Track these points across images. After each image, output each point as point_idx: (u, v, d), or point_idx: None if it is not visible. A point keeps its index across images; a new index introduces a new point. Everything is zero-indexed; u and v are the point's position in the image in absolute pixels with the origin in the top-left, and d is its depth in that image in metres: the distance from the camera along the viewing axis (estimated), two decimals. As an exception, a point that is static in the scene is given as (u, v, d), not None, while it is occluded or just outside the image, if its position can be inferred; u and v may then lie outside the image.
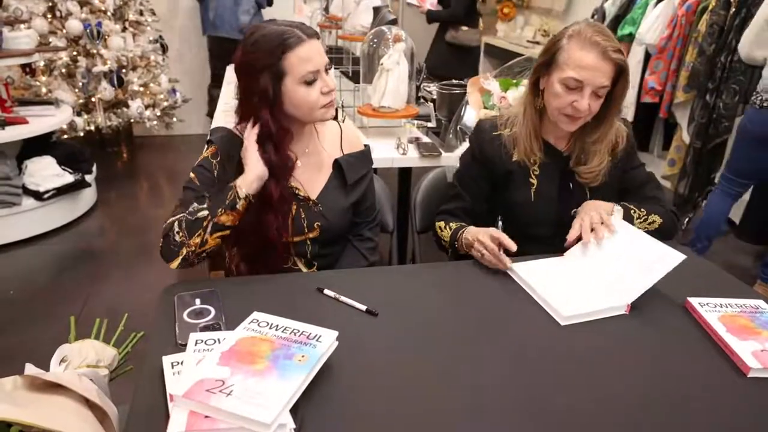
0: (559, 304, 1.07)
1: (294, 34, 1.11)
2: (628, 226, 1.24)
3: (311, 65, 1.12)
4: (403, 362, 0.94)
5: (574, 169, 1.33)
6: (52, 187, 2.93)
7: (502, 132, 1.34)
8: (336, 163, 1.31)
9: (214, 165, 1.21)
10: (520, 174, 1.34)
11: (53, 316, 2.29)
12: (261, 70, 1.11)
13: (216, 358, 0.85)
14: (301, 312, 1.03)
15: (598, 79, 1.19)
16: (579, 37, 1.20)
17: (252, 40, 1.13)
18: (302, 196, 1.26)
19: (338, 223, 1.31)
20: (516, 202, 1.34)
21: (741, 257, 3.07)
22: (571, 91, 1.21)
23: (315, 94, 1.15)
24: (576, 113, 1.22)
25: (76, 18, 3.53)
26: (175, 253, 1.12)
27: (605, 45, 1.18)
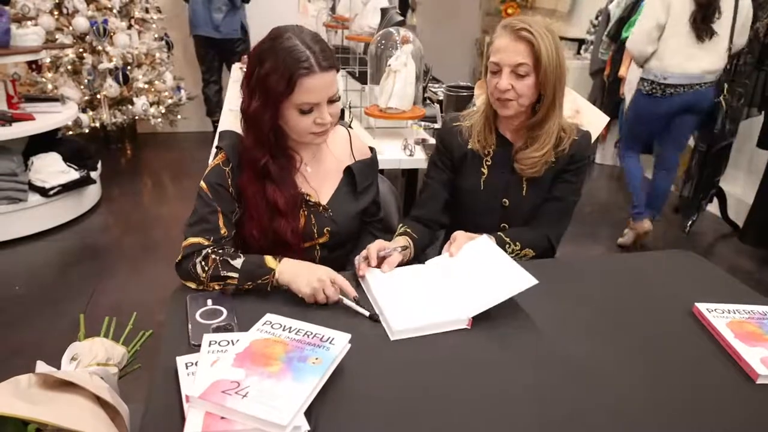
0: (393, 316, 1.03)
1: (309, 64, 1.10)
2: (492, 245, 1.22)
3: (313, 97, 1.12)
4: (415, 364, 0.95)
5: (515, 157, 1.35)
6: (58, 183, 2.94)
7: (461, 123, 1.41)
8: (348, 170, 1.31)
9: (226, 174, 1.20)
10: (474, 162, 1.39)
11: (59, 312, 2.30)
12: (268, 81, 1.11)
13: (231, 360, 0.85)
14: (311, 314, 1.04)
15: (512, 57, 1.24)
16: (499, 28, 1.29)
17: (269, 49, 1.12)
18: (313, 202, 1.27)
19: (347, 228, 1.32)
20: (466, 189, 1.40)
21: (744, 261, 3.08)
22: (494, 75, 1.28)
23: (307, 122, 1.14)
24: (500, 95, 1.27)
25: (82, 15, 3.54)
26: (191, 279, 1.13)
27: (514, 25, 1.25)
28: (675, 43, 2.67)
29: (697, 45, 2.67)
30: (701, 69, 2.70)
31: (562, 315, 1.12)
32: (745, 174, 3.46)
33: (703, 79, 2.73)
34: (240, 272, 1.10)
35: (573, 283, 1.25)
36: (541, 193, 1.39)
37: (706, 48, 2.68)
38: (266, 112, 1.14)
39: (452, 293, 1.11)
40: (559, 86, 1.28)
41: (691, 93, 2.74)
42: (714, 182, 3.25)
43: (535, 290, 1.18)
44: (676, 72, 2.70)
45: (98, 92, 3.69)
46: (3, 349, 2.05)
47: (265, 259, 1.12)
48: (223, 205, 1.19)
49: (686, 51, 2.68)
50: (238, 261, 1.11)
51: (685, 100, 2.76)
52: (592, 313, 1.14)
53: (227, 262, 1.11)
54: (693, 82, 2.72)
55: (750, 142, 3.31)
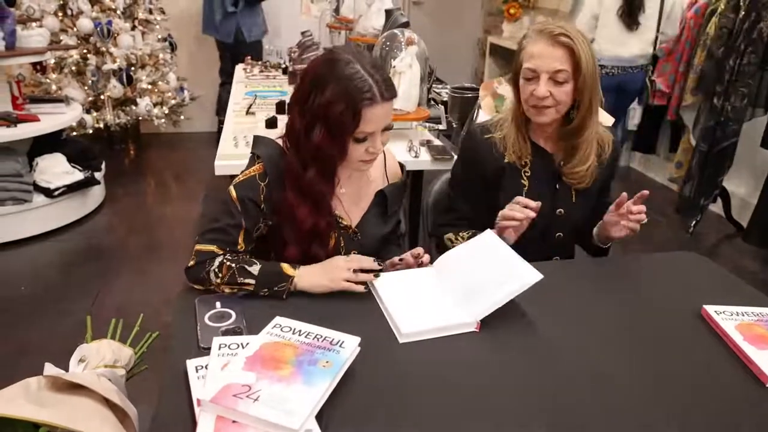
0: (402, 319, 1.03)
1: (372, 94, 1.05)
2: (497, 239, 1.21)
3: (370, 127, 1.08)
4: (424, 367, 0.95)
5: (561, 169, 1.35)
6: (63, 184, 2.95)
7: (493, 135, 1.36)
8: (380, 193, 1.27)
9: (261, 188, 1.14)
10: (512, 175, 1.36)
11: (64, 312, 2.30)
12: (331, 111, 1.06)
13: (241, 363, 0.86)
14: (320, 317, 1.04)
15: (550, 64, 1.22)
16: (532, 33, 1.27)
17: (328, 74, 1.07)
18: (343, 225, 1.23)
19: (372, 250, 1.28)
20: (507, 203, 1.36)
21: (748, 261, 3.07)
22: (530, 82, 1.26)
23: (360, 151, 1.11)
24: (537, 102, 1.25)
25: (87, 16, 3.54)
26: (201, 283, 1.12)
27: (552, 31, 1.23)
28: (607, 32, 3.21)
29: (627, 33, 3.18)
30: (631, 54, 3.24)
31: (569, 317, 1.12)
32: (749, 174, 3.45)
33: (633, 62, 3.27)
34: (257, 279, 1.10)
35: (579, 284, 1.25)
36: (591, 200, 1.38)
37: (635, 36, 3.19)
38: (333, 146, 1.09)
39: (459, 295, 1.11)
40: (595, 92, 1.26)
41: (623, 75, 3.29)
42: (717, 182, 3.24)
43: (542, 292, 1.17)
44: (609, 56, 3.21)
45: (102, 93, 3.70)
46: (8, 350, 2.05)
47: (282, 267, 1.11)
48: (248, 222, 1.15)
49: (617, 38, 3.20)
50: (255, 268, 1.10)
51: (619, 81, 3.29)
52: (600, 315, 1.14)
53: (243, 269, 1.10)
54: (624, 65, 3.26)
55: (754, 142, 3.30)
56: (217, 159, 1.83)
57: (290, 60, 3.03)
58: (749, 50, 2.95)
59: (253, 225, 1.16)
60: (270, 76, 3.18)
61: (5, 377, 0.96)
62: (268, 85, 2.92)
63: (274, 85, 2.92)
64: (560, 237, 1.40)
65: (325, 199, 1.17)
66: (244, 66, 3.43)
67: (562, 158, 1.34)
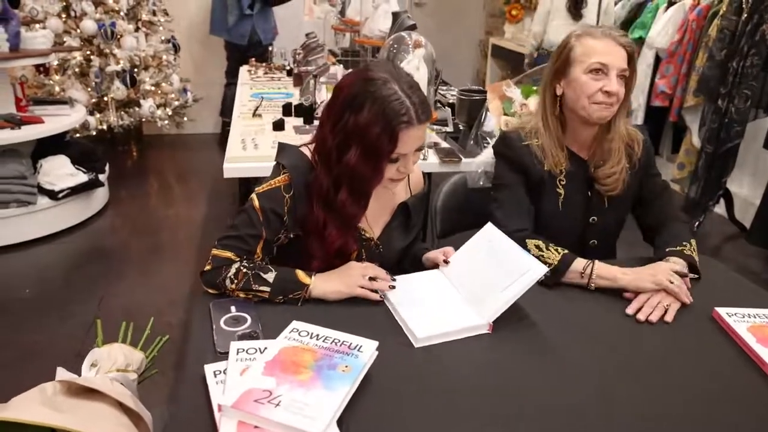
0: (415, 324, 1.03)
1: (410, 117, 1.03)
2: (498, 231, 1.21)
3: (405, 149, 1.06)
4: (440, 370, 0.96)
5: (594, 175, 1.34)
6: (67, 186, 2.94)
7: (530, 142, 1.35)
8: (403, 205, 1.26)
9: (285, 201, 1.12)
10: (549, 184, 1.35)
11: (70, 314, 2.30)
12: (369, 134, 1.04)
13: (261, 368, 0.86)
14: (335, 320, 1.04)
15: (619, 62, 1.25)
16: (588, 34, 1.28)
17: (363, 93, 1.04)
18: (366, 237, 1.22)
19: (393, 261, 1.28)
20: (545, 212, 1.35)
21: (751, 261, 3.08)
22: (599, 77, 1.26)
23: (391, 171, 1.10)
24: (608, 98, 1.25)
25: (90, 18, 3.54)
26: (216, 288, 1.12)
27: (614, 33, 1.27)
28: (557, 23, 3.91)
29: (573, 24, 3.82)
30: None
31: (578, 319, 1.13)
32: (751, 175, 3.47)
33: None
34: (272, 286, 1.10)
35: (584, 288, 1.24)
36: (623, 206, 1.39)
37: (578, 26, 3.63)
38: (368, 168, 1.07)
39: (470, 296, 1.12)
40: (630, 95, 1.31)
41: None
42: (721, 183, 3.26)
43: (552, 293, 1.20)
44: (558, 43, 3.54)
45: (105, 94, 3.69)
46: (14, 353, 2.05)
47: (297, 274, 1.11)
48: (269, 233, 1.13)
49: (565, 29, 3.63)
50: (270, 275, 1.10)
51: None
52: (610, 317, 1.14)
53: (259, 275, 1.10)
54: None
55: (756, 143, 3.31)
56: (226, 162, 1.84)
57: (294, 62, 3.03)
58: (752, 52, 2.96)
59: (274, 236, 1.15)
60: (275, 77, 3.18)
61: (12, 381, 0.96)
62: (273, 87, 2.92)
63: (279, 87, 2.92)
64: (594, 244, 1.40)
65: (357, 221, 1.16)
66: (249, 68, 3.43)
67: (595, 164, 1.34)
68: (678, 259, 1.25)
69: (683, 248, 1.28)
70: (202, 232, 3.11)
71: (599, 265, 1.23)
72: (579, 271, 1.22)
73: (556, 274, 1.23)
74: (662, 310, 1.15)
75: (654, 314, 1.14)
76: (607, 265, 1.23)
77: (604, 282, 1.21)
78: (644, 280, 1.18)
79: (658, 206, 1.41)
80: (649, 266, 1.23)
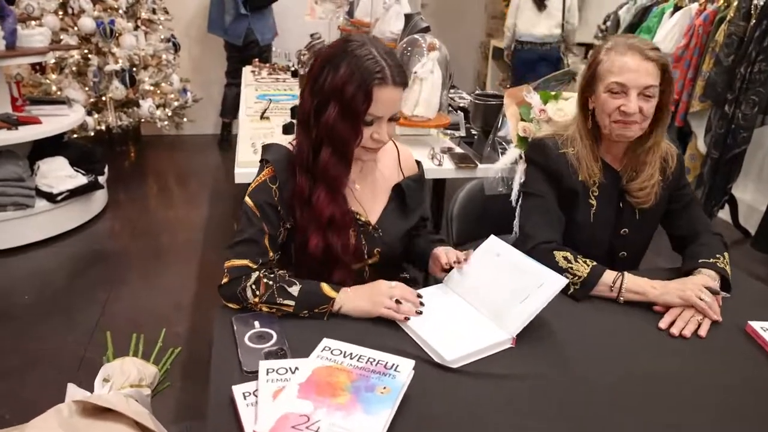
0: (440, 345, 0.98)
1: (384, 75, 1.05)
2: (504, 244, 1.18)
3: (379, 110, 1.07)
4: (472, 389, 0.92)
5: (626, 187, 1.31)
6: (65, 188, 2.88)
7: (566, 150, 1.32)
8: (397, 188, 1.26)
9: (274, 192, 1.14)
10: (582, 194, 1.32)
11: (72, 321, 2.24)
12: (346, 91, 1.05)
13: (295, 391, 0.82)
14: (365, 336, 1.00)
15: (642, 79, 1.20)
16: (616, 47, 1.23)
17: (341, 53, 1.06)
18: (362, 221, 1.21)
19: (397, 248, 1.27)
20: (576, 223, 1.32)
21: (756, 267, 3.08)
22: (617, 96, 1.22)
23: (365, 135, 1.10)
24: (625, 117, 1.22)
25: (88, 16, 3.47)
26: (236, 300, 1.09)
27: (641, 46, 1.21)
28: (525, 16, 4.26)
29: (538, 15, 4.20)
30: (541, 33, 4.25)
31: (607, 332, 1.11)
32: (756, 181, 3.47)
33: (543, 40, 4.26)
34: (297, 300, 1.06)
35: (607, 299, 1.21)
36: (654, 218, 1.36)
37: (543, 19, 4.22)
38: (346, 126, 1.08)
39: (489, 311, 1.08)
40: (669, 105, 1.26)
41: (540, 49, 4.29)
42: (726, 189, 3.25)
43: (576, 305, 1.18)
44: (527, 34, 4.29)
45: (104, 94, 3.62)
46: (15, 362, 1.98)
47: (323, 288, 1.08)
48: (270, 227, 1.13)
49: (531, 20, 4.24)
50: (295, 288, 1.07)
51: (537, 53, 4.30)
52: (640, 331, 1.12)
53: (284, 289, 1.07)
54: (538, 41, 4.28)
55: (761, 149, 3.31)
56: (237, 166, 1.79)
57: (299, 63, 2.98)
58: (760, 58, 2.95)
59: (276, 229, 1.15)
60: (279, 79, 3.13)
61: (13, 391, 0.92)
62: (279, 89, 2.87)
63: (285, 89, 2.87)
64: (624, 256, 1.38)
65: (340, 183, 1.14)
66: (252, 68, 3.38)
67: (628, 175, 1.31)
68: (711, 272, 1.23)
69: (716, 260, 1.25)
70: (204, 234, 3.06)
71: (629, 278, 1.19)
72: (608, 284, 1.19)
73: (585, 287, 1.19)
74: (695, 325, 1.12)
75: (687, 329, 1.11)
76: (636, 277, 1.20)
77: (634, 296, 1.19)
78: (672, 295, 1.16)
79: (687, 217, 1.38)
80: (678, 281, 1.20)
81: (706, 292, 1.15)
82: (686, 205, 1.39)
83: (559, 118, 1.72)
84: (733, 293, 1.24)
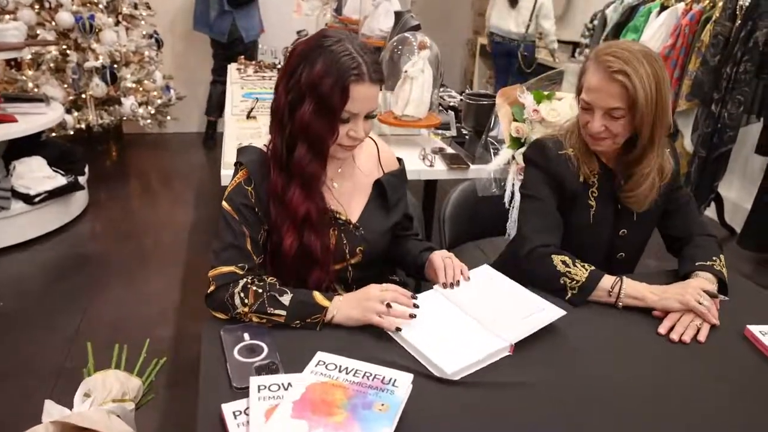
0: (439, 358, 0.94)
1: (360, 71, 1.03)
2: (496, 273, 1.20)
3: (355, 107, 1.05)
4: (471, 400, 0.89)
5: (620, 193, 1.29)
6: (44, 190, 2.78)
7: (566, 151, 1.29)
8: (378, 184, 1.24)
9: (249, 193, 1.11)
10: (582, 196, 1.30)
11: (51, 328, 2.17)
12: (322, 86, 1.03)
13: (289, 410, 0.78)
14: (359, 348, 0.96)
15: (604, 100, 1.16)
16: (596, 57, 1.19)
17: (317, 48, 1.04)
18: (343, 220, 1.18)
19: (380, 246, 1.24)
20: (576, 225, 1.30)
21: (742, 264, 3.11)
22: (586, 112, 1.21)
23: (341, 133, 1.07)
24: (593, 134, 1.21)
25: (66, 10, 3.36)
26: (224, 310, 1.04)
27: (610, 64, 1.14)
28: (497, 11, 4.53)
29: (509, 11, 4.43)
30: (509, 28, 4.48)
31: (606, 337, 1.10)
32: (741, 179, 3.50)
33: (511, 35, 4.47)
34: (288, 310, 1.02)
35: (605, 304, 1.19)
36: (652, 219, 1.34)
37: (513, 17, 4.43)
38: (322, 123, 1.04)
39: (486, 321, 1.05)
40: (658, 125, 1.18)
41: (509, 44, 4.51)
42: (713, 187, 3.27)
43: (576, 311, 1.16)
44: (498, 27, 4.55)
45: (84, 92, 3.52)
46: (-9, 371, 1.91)
47: (315, 296, 1.04)
48: (250, 229, 1.10)
49: (502, 14, 4.47)
50: (286, 297, 1.03)
51: (506, 48, 4.55)
52: (638, 335, 1.10)
53: (274, 298, 1.03)
54: (505, 35, 4.50)
55: (745, 147, 3.34)
56: (223, 168, 1.73)
57: (285, 60, 2.92)
58: (745, 58, 2.97)
59: (256, 232, 1.11)
60: (265, 76, 3.07)
61: None
62: (265, 87, 2.81)
63: (272, 87, 2.80)
64: (622, 257, 1.36)
65: (316, 180, 1.11)
66: (238, 66, 3.31)
67: (621, 177, 1.29)
68: (708, 275, 1.21)
69: (713, 263, 1.24)
70: (189, 236, 2.99)
71: (628, 284, 1.17)
72: (607, 289, 1.17)
73: (584, 292, 1.17)
74: (695, 330, 1.10)
75: (686, 334, 1.09)
76: (635, 282, 1.18)
77: (633, 301, 1.17)
78: (671, 300, 1.14)
79: (683, 218, 1.37)
80: (677, 285, 1.19)
81: (705, 296, 1.14)
82: (682, 206, 1.37)
83: (552, 119, 1.70)
84: (730, 296, 1.23)
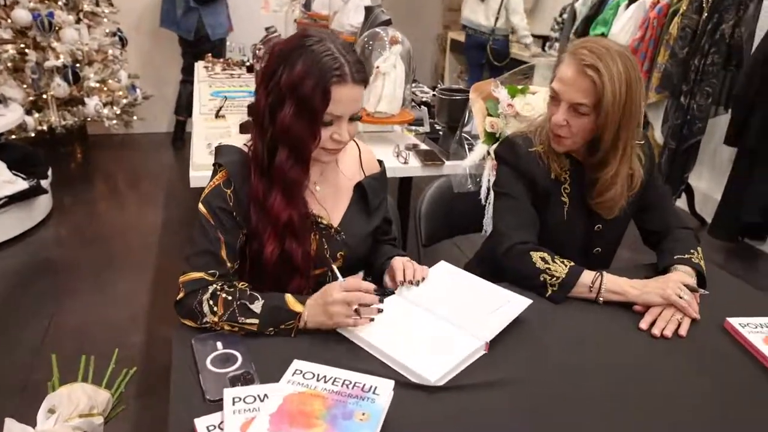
0: (417, 365, 0.91)
1: (343, 72, 0.99)
2: (455, 269, 1.20)
3: (338, 109, 1.01)
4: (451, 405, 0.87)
5: (589, 200, 1.27)
6: (3, 195, 2.66)
7: (536, 148, 1.27)
8: (359, 187, 1.21)
9: (228, 196, 1.06)
10: (555, 193, 1.28)
11: (14, 340, 2.07)
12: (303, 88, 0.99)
13: (266, 423, 0.74)
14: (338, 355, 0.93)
15: (572, 93, 1.14)
16: (571, 49, 1.17)
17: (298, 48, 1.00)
18: (324, 225, 1.15)
19: (361, 250, 1.21)
20: (551, 222, 1.29)
21: (713, 253, 3.18)
22: (553, 103, 1.19)
23: (325, 136, 1.03)
24: (554, 128, 1.18)
25: (23, 7, 3.21)
26: (194, 317, 1.00)
27: (583, 58, 1.11)
28: (469, 4, 4.56)
29: (480, 6, 4.47)
30: (479, 21, 4.51)
31: (587, 333, 1.09)
32: (710, 170, 3.58)
33: (482, 28, 4.51)
34: (260, 318, 0.98)
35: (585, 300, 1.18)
36: (628, 214, 1.32)
37: (483, 10, 4.47)
38: (303, 127, 1.01)
39: (456, 318, 1.04)
40: (624, 128, 1.13)
41: (480, 37, 4.54)
42: (683, 178, 3.33)
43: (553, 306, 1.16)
44: (467, 19, 4.61)
45: (45, 92, 3.38)
46: (-51, 388, 1.82)
47: (287, 301, 1.00)
48: (226, 235, 1.05)
49: (473, 8, 4.52)
50: (258, 304, 0.98)
51: (477, 41, 4.57)
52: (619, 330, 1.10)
53: (245, 306, 0.98)
54: (476, 28, 4.54)
55: (714, 139, 3.41)
56: (192, 169, 1.67)
57: (254, 57, 2.85)
58: (712, 51, 3.03)
59: (232, 237, 1.07)
60: (234, 74, 2.99)
61: None
62: (234, 85, 2.74)
63: (241, 85, 2.74)
64: (598, 252, 1.35)
65: (298, 187, 1.07)
66: (205, 64, 3.22)
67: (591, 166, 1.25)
68: (687, 268, 1.22)
69: (691, 256, 1.24)
70: (159, 239, 2.90)
71: (608, 279, 1.17)
72: (587, 284, 1.16)
73: (564, 288, 1.16)
74: (675, 324, 1.10)
75: (668, 329, 1.09)
76: (615, 277, 1.18)
77: (614, 296, 1.16)
78: (652, 295, 1.14)
79: (660, 211, 1.37)
80: (657, 279, 1.19)
81: (686, 290, 1.14)
82: (658, 200, 1.37)
83: (527, 113, 1.69)
84: (709, 288, 1.24)
